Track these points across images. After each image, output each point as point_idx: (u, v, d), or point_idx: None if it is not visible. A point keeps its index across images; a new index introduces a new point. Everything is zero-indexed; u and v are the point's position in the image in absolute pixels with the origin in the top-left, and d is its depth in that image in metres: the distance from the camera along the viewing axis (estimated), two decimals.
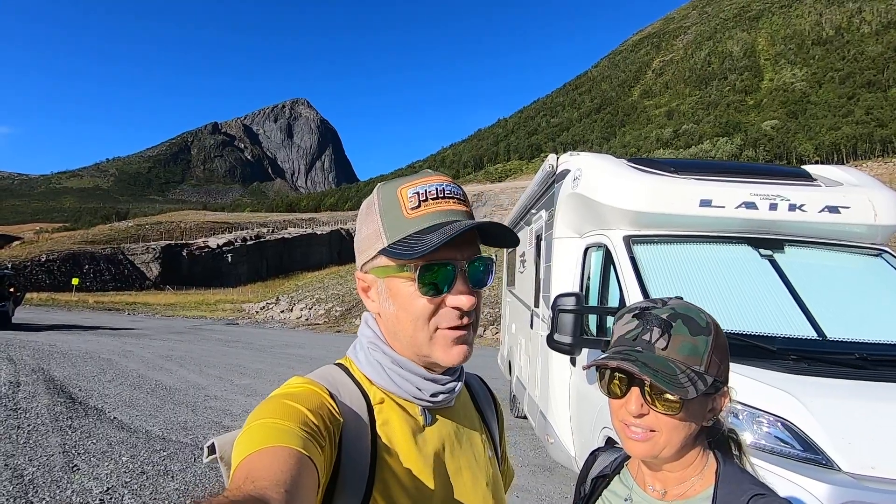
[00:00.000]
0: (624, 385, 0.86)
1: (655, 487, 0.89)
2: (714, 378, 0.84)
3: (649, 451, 0.84)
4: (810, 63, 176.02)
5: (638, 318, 0.88)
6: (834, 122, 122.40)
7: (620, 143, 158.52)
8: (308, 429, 0.63)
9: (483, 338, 19.62)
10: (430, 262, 0.72)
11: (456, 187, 0.78)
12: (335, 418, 0.69)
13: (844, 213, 3.39)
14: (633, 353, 0.84)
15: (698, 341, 0.84)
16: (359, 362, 0.81)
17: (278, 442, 0.58)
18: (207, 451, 0.71)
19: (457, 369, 0.83)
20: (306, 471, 0.57)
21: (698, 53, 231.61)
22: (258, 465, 0.55)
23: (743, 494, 0.80)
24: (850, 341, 2.73)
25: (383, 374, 0.78)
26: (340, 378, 0.78)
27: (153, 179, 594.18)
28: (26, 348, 11.84)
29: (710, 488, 0.84)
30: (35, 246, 61.88)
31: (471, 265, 0.75)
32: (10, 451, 4.94)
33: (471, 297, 0.73)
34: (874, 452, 2.05)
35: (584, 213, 3.91)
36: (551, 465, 5.19)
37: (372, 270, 0.78)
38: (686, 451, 0.86)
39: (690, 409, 0.83)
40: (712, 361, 0.84)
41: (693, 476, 0.87)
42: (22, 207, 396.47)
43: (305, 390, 0.71)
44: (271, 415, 0.64)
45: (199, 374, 9.85)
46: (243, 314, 31.00)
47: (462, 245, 0.74)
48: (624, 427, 0.86)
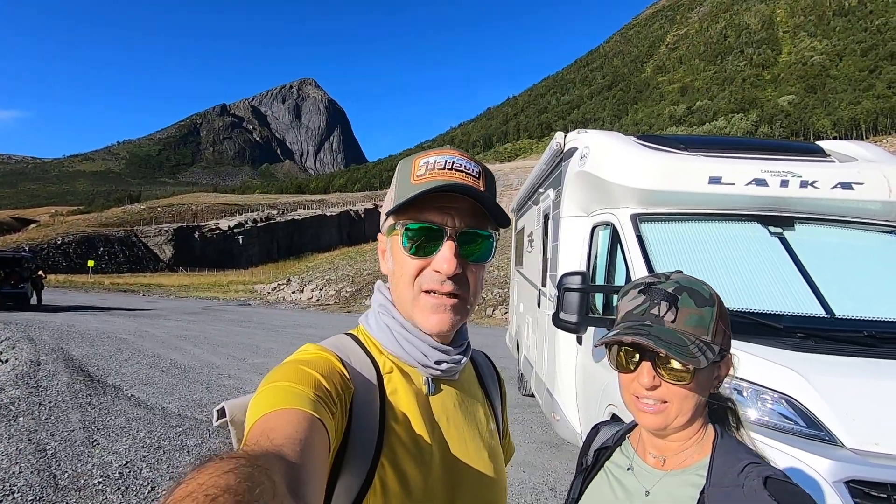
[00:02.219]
0: (634, 359, 0.88)
1: (656, 455, 0.92)
2: (720, 347, 0.87)
3: (662, 423, 0.86)
4: (831, 35, 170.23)
5: (644, 294, 0.90)
6: (854, 96, 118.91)
7: (632, 121, 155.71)
8: (321, 394, 0.65)
9: (492, 318, 19.72)
10: (416, 222, 0.76)
11: (469, 162, 0.80)
12: (347, 385, 0.71)
13: (858, 189, 3.32)
14: (644, 328, 0.86)
15: (704, 312, 0.86)
16: (369, 327, 0.84)
17: (292, 404, 0.60)
18: (217, 414, 0.72)
19: (463, 343, 0.85)
20: (318, 433, 0.58)
21: (714, 26, 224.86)
22: (273, 425, 0.56)
23: (738, 462, 0.82)
24: (858, 319, 2.70)
25: (391, 337, 0.80)
26: (351, 347, 0.80)
27: (164, 162, 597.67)
28: (46, 328, 12.16)
29: (707, 457, 0.86)
30: (51, 229, 62.90)
31: (461, 234, 0.76)
32: (32, 427, 5.12)
33: (452, 261, 0.74)
34: (878, 428, 2.05)
35: (591, 191, 3.88)
36: (558, 441, 5.27)
37: (385, 232, 0.83)
38: (694, 420, 0.88)
39: (699, 379, 0.86)
40: (718, 330, 0.87)
41: (692, 446, 0.89)
42: (37, 191, 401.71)
43: (318, 357, 0.73)
44: (286, 378, 0.65)
45: (212, 354, 10.05)
46: (255, 295, 31.41)
47: (456, 214, 0.76)
48: (635, 400, 0.89)
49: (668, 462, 0.90)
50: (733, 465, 0.82)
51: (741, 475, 0.80)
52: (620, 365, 0.91)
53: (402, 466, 0.72)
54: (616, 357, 0.91)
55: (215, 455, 0.44)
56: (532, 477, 4.42)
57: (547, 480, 4.36)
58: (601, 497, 0.96)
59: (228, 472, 0.41)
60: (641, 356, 0.87)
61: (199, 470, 0.41)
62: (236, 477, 0.41)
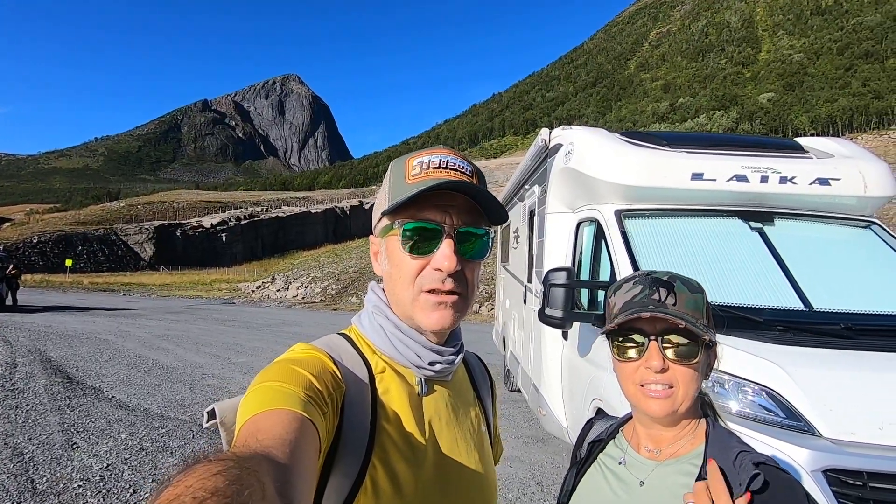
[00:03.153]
0: (640, 344, 0.90)
1: (650, 448, 0.93)
2: (714, 332, 0.91)
3: (669, 408, 0.88)
4: (808, 34, 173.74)
5: (640, 284, 0.92)
6: (831, 94, 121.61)
7: (616, 118, 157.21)
8: (311, 393, 0.64)
9: (478, 314, 19.78)
10: (414, 221, 0.75)
11: (463, 161, 0.81)
12: (338, 385, 0.71)
13: (835, 184, 3.40)
14: (654, 308, 0.88)
15: (698, 298, 0.91)
16: (362, 327, 0.84)
17: (282, 405, 0.59)
18: (207, 415, 0.71)
19: (457, 343, 0.85)
20: (308, 433, 0.58)
21: (696, 24, 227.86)
22: (263, 426, 0.56)
23: (730, 450, 0.84)
24: (836, 312, 2.77)
25: (385, 338, 0.80)
26: (343, 346, 0.80)
27: (143, 159, 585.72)
28: (22, 329, 11.85)
29: (701, 446, 0.89)
30: (26, 227, 61.32)
31: (459, 232, 0.77)
32: (9, 431, 4.99)
33: (452, 258, 0.74)
34: (854, 419, 2.10)
35: (576, 187, 3.90)
36: (544, 436, 5.31)
37: (378, 233, 0.82)
38: (693, 408, 0.91)
39: (702, 361, 0.89)
40: (710, 316, 0.92)
41: (686, 436, 0.91)
42: (11, 189, 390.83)
43: (310, 356, 0.72)
44: (276, 378, 0.65)
45: (196, 353, 9.91)
46: (239, 293, 31.04)
47: (453, 212, 0.76)
48: (640, 389, 0.90)
49: (662, 453, 0.92)
50: (726, 452, 0.84)
51: (735, 462, 0.82)
52: (625, 354, 0.91)
53: (394, 466, 0.72)
54: (619, 346, 0.92)
55: (203, 457, 0.44)
56: (519, 471, 4.45)
57: (534, 475, 4.39)
58: (595, 488, 0.97)
59: (216, 475, 0.40)
60: (647, 340, 0.89)
61: (187, 472, 0.41)
62: (224, 479, 0.40)
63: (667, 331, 0.88)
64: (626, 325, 0.91)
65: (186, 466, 0.42)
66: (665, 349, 0.88)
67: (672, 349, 0.88)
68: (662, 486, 0.88)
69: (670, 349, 0.88)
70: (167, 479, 0.40)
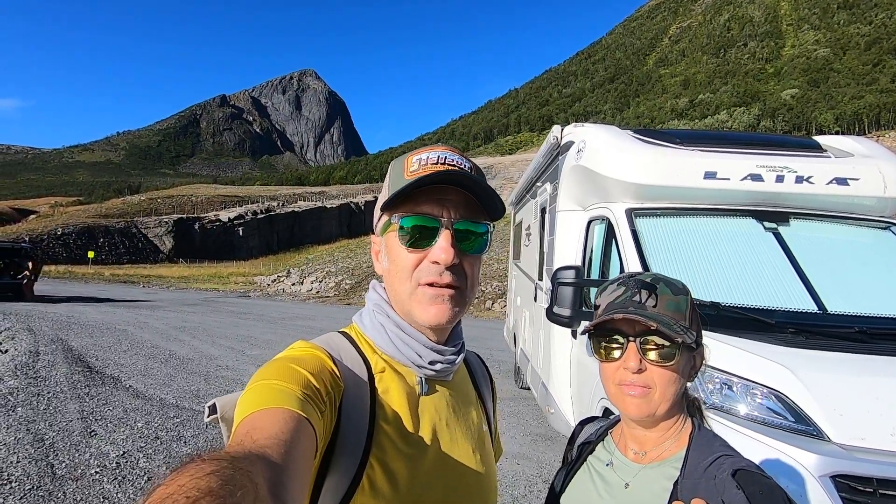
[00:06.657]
0: (619, 344, 0.91)
1: (636, 450, 0.94)
2: (696, 335, 0.91)
3: (646, 408, 0.88)
4: (834, 28, 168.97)
5: (623, 286, 0.93)
6: (857, 90, 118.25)
7: (634, 114, 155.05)
8: (309, 392, 0.64)
9: (491, 310, 19.77)
10: (412, 214, 0.76)
11: (460, 158, 0.81)
12: (337, 384, 0.71)
13: (853, 184, 3.32)
14: (631, 310, 0.89)
15: (680, 300, 0.92)
16: (363, 326, 0.84)
17: (279, 403, 0.60)
18: (209, 410, 0.72)
19: (458, 343, 0.85)
20: (305, 433, 0.58)
21: (717, 19, 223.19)
22: (259, 424, 0.56)
23: (710, 455, 0.84)
24: (850, 315, 2.71)
25: (385, 336, 0.80)
26: (343, 345, 0.80)
27: (163, 153, 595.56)
28: (45, 319, 12.19)
29: (684, 450, 0.88)
30: (51, 220, 62.90)
31: (457, 225, 0.77)
32: (31, 417, 5.15)
33: (450, 251, 0.74)
34: (865, 424, 2.06)
35: (587, 185, 3.87)
36: (552, 434, 5.30)
37: (378, 231, 0.83)
38: (675, 410, 0.91)
39: (680, 363, 0.89)
40: (693, 319, 0.93)
41: (671, 438, 0.91)
42: (37, 182, 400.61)
43: (309, 354, 0.73)
44: (274, 376, 0.65)
45: (211, 345, 10.09)
46: (255, 287, 31.44)
47: (451, 206, 0.76)
48: (619, 388, 0.91)
49: (647, 455, 0.92)
50: (706, 456, 0.84)
51: (713, 466, 0.82)
52: (603, 354, 0.93)
53: (392, 466, 0.72)
54: (599, 346, 0.93)
55: (196, 456, 0.44)
56: (526, 469, 4.45)
57: (541, 472, 4.39)
58: (583, 490, 0.98)
59: (210, 475, 0.40)
60: (626, 344, 0.90)
61: (180, 471, 0.41)
62: (217, 479, 0.40)
63: (646, 332, 0.88)
64: (607, 326, 0.91)
65: (180, 465, 0.42)
66: (646, 350, 0.89)
67: (652, 351, 0.88)
68: (646, 489, 0.88)
69: (651, 351, 0.88)
70: (160, 478, 0.41)
